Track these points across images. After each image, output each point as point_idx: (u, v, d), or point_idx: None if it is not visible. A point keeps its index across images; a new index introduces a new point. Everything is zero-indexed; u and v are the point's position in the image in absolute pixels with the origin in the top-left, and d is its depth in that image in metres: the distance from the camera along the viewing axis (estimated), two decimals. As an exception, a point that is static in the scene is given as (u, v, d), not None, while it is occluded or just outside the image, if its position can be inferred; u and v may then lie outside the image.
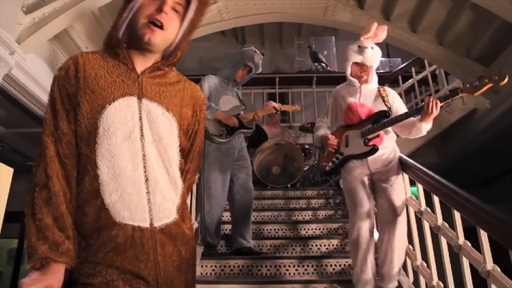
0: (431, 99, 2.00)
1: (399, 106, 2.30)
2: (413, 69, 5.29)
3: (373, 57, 2.28)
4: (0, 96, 2.93)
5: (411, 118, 2.13)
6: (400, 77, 5.34)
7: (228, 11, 3.73)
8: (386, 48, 7.63)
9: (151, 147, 1.01)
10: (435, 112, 2.00)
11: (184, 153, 1.13)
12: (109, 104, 0.98)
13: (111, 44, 1.05)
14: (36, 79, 2.97)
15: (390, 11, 3.79)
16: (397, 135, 2.36)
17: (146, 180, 0.99)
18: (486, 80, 1.89)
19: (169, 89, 1.08)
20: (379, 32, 2.32)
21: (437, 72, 5.20)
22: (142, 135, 1.00)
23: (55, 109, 1.00)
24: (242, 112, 2.94)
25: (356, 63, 2.30)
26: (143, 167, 0.99)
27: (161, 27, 1.01)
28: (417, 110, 2.11)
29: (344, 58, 2.38)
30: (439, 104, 1.99)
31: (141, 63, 1.06)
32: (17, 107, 3.21)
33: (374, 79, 2.36)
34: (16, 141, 4.42)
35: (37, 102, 3.12)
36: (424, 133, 2.12)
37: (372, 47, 2.28)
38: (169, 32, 1.03)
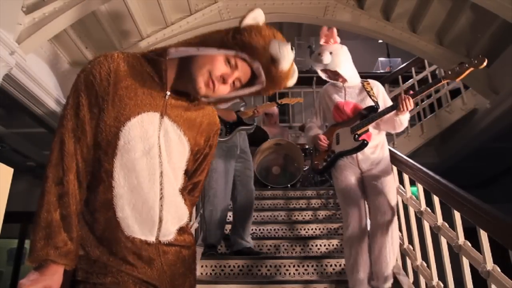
0: (403, 97, 2.07)
1: (386, 98, 2.34)
2: (413, 69, 5.28)
3: (334, 61, 2.23)
4: (0, 96, 2.92)
5: (389, 114, 2.15)
6: (400, 77, 5.33)
7: (228, 11, 3.72)
8: (386, 48, 7.63)
9: (167, 165, 1.00)
10: (410, 107, 2.08)
11: (189, 173, 1.12)
12: (134, 117, 0.96)
13: (156, 53, 1.01)
14: (36, 79, 2.97)
15: (390, 11, 3.79)
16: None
17: (161, 197, 0.98)
18: (467, 65, 1.95)
19: (191, 114, 1.05)
20: (332, 35, 2.30)
21: (437, 72, 5.20)
22: (160, 152, 0.98)
23: (80, 105, 0.95)
24: (242, 109, 2.92)
25: (323, 70, 2.31)
26: (159, 184, 0.98)
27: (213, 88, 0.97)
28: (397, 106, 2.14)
29: None
30: (411, 100, 2.07)
31: (175, 83, 1.02)
32: (17, 107, 3.21)
33: (353, 76, 2.33)
34: (16, 141, 4.42)
35: (37, 102, 3.12)
36: (405, 124, 2.20)
37: (331, 52, 2.24)
38: (216, 94, 0.99)
